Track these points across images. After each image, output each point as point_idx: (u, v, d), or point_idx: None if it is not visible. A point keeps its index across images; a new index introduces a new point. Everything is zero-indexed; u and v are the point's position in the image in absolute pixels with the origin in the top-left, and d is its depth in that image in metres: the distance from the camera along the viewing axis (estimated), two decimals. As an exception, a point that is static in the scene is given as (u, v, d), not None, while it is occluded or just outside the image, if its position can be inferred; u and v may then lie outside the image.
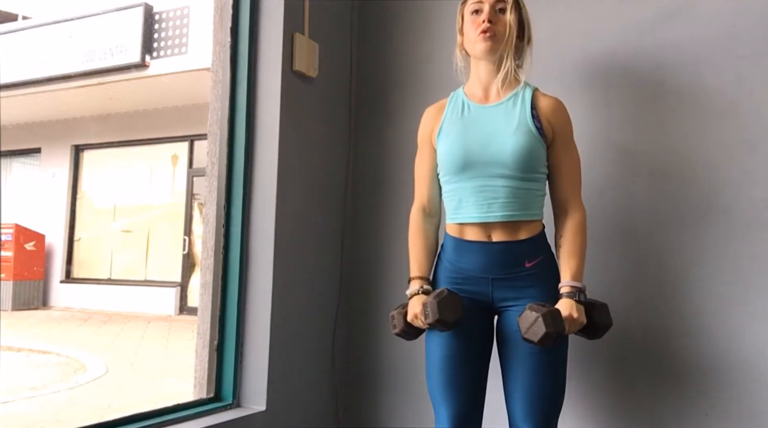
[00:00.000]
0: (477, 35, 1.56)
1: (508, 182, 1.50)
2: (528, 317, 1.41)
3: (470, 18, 1.59)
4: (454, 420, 1.50)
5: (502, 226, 1.51)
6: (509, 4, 1.55)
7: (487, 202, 1.51)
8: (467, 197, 1.53)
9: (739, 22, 1.68)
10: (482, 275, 1.53)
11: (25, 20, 8.84)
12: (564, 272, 1.51)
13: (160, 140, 9.23)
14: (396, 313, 1.61)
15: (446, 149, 1.56)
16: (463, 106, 1.60)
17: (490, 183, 1.51)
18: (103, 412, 3.83)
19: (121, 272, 9.44)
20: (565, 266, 1.51)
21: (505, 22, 1.55)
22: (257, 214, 1.92)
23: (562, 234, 1.54)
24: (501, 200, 1.50)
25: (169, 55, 7.41)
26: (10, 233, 8.94)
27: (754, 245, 1.63)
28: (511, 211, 1.50)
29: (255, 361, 1.88)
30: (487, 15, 1.55)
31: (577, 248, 1.51)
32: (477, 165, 1.51)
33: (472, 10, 1.58)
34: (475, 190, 1.52)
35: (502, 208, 1.50)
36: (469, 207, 1.53)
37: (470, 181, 1.52)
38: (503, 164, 1.49)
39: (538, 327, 1.38)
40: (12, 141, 9.70)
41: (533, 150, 1.50)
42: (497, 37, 1.54)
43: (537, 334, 1.38)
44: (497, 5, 1.56)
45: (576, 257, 1.50)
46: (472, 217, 1.52)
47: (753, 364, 1.61)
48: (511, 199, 1.50)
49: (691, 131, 1.72)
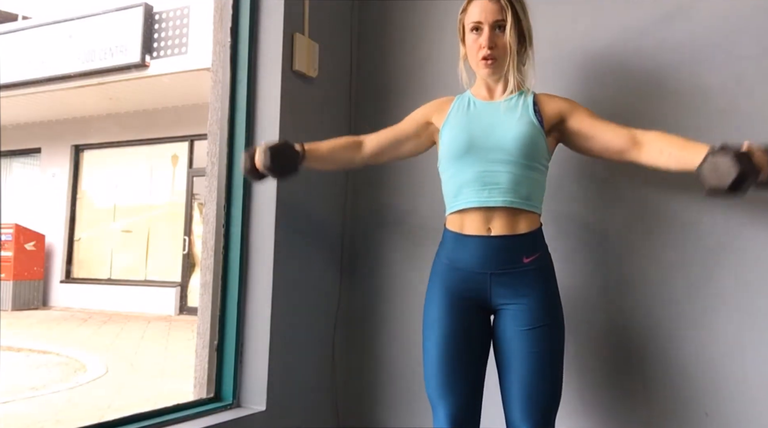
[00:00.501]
0: (479, 60, 1.57)
1: (510, 168, 1.51)
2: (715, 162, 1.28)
3: (470, 36, 1.59)
4: (452, 418, 1.50)
5: (502, 216, 1.51)
6: (508, 21, 1.54)
7: (488, 187, 1.52)
8: (468, 182, 1.54)
9: (739, 22, 1.68)
10: (480, 270, 1.53)
11: (25, 20, 8.85)
12: (694, 149, 1.38)
13: (160, 140, 9.23)
14: (247, 153, 1.70)
15: (450, 137, 1.58)
16: (469, 103, 1.64)
17: (491, 168, 1.52)
18: (103, 412, 3.83)
19: (121, 272, 9.44)
20: (689, 147, 1.40)
21: (504, 43, 1.55)
22: (257, 214, 1.92)
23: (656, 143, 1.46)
24: (502, 186, 1.51)
25: (169, 55, 7.41)
26: (10, 233, 8.95)
27: (755, 245, 1.63)
28: (511, 197, 1.51)
29: (255, 361, 1.88)
30: (486, 41, 1.54)
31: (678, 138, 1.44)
32: (479, 150, 1.53)
33: (471, 27, 1.58)
34: (476, 175, 1.53)
35: (503, 193, 1.51)
36: (469, 193, 1.54)
37: (472, 166, 1.53)
38: (505, 149, 1.51)
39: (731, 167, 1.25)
40: (12, 141, 9.71)
41: (535, 139, 1.53)
42: (498, 62, 1.56)
43: (729, 176, 1.25)
44: (496, 24, 1.55)
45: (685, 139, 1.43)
46: (473, 202, 1.53)
47: (753, 364, 1.61)
48: (512, 185, 1.51)
49: (691, 131, 1.71)
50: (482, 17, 1.55)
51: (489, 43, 1.54)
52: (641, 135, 1.50)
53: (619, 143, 1.53)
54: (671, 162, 1.45)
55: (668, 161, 1.46)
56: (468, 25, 1.59)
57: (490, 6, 1.55)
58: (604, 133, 1.54)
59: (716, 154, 1.30)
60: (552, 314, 1.52)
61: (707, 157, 1.31)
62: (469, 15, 1.59)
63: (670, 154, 1.44)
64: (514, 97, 1.59)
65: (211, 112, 2.01)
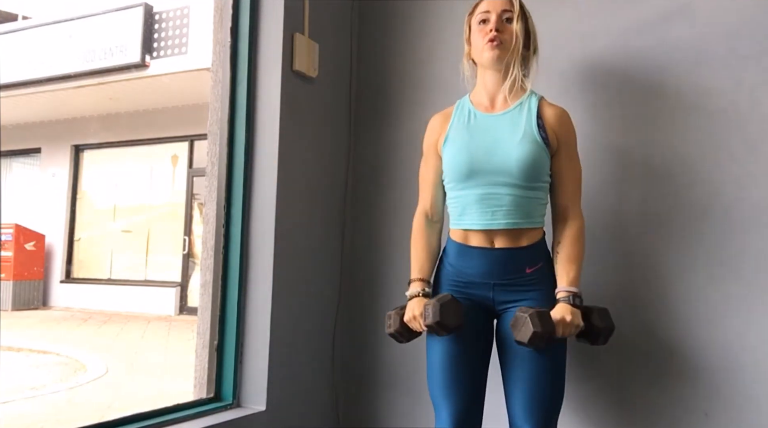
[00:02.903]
0: (485, 44, 1.57)
1: (513, 191, 1.51)
2: (517, 319, 1.43)
3: (477, 28, 1.60)
4: (455, 419, 1.50)
5: (505, 233, 1.53)
6: (516, 13, 1.57)
7: (491, 210, 1.52)
8: (471, 204, 1.54)
9: (739, 22, 1.68)
10: (484, 280, 1.54)
11: (25, 20, 8.84)
12: (561, 278, 1.51)
13: (160, 140, 9.23)
14: (393, 313, 1.62)
15: (451, 157, 1.57)
16: (469, 114, 1.61)
17: (494, 191, 1.52)
18: (103, 412, 3.83)
19: (121, 272, 9.44)
20: (562, 272, 1.51)
21: (512, 31, 1.57)
22: (257, 214, 1.92)
23: (560, 241, 1.55)
24: (505, 208, 1.51)
25: (169, 55, 7.41)
26: (10, 233, 8.94)
27: (755, 245, 1.63)
28: (514, 219, 1.52)
29: (255, 361, 1.88)
30: (494, 24, 1.57)
31: (575, 255, 1.52)
32: (482, 173, 1.53)
33: (479, 20, 1.60)
34: (479, 198, 1.53)
35: (506, 216, 1.52)
36: (473, 214, 1.54)
37: (475, 189, 1.54)
38: (508, 172, 1.51)
39: (527, 328, 1.40)
40: (12, 141, 9.70)
41: (538, 159, 1.52)
42: (504, 45, 1.56)
43: (525, 335, 1.40)
44: (504, 15, 1.58)
45: (573, 263, 1.51)
46: (476, 224, 1.54)
47: (753, 364, 1.61)
48: (515, 207, 1.51)
49: (692, 130, 1.72)
50: (491, 7, 1.59)
51: (496, 26, 1.56)
52: (564, 226, 1.56)
53: (557, 210, 1.59)
54: None
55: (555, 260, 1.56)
56: (476, 19, 1.61)
57: (499, 0, 1.59)
58: (558, 188, 1.58)
59: (522, 310, 1.43)
60: None
61: (516, 312, 1.45)
62: (477, 14, 1.61)
63: (557, 259, 1.55)
64: (517, 106, 1.57)
65: (211, 112, 2.01)
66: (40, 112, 9.32)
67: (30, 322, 7.95)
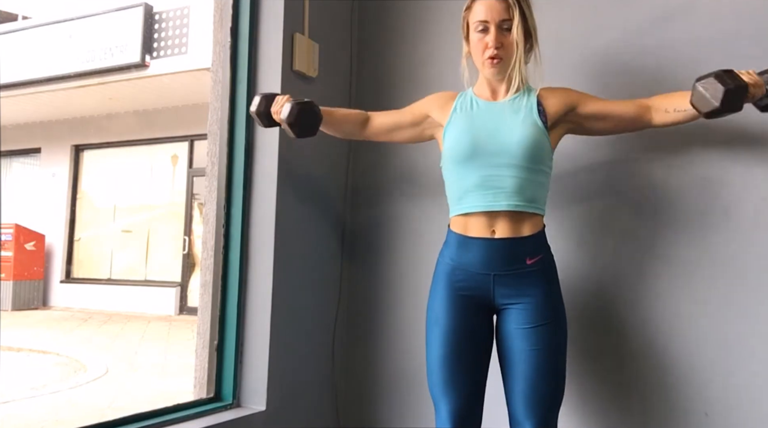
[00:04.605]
0: (485, 59, 1.56)
1: (514, 172, 1.51)
2: (697, 88, 1.38)
3: (476, 35, 1.57)
4: (455, 416, 1.50)
5: (506, 219, 1.52)
6: (515, 20, 1.52)
7: (492, 191, 1.52)
8: (472, 186, 1.54)
9: (739, 22, 1.68)
10: (484, 271, 1.53)
11: (25, 20, 8.84)
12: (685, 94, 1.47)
13: (160, 140, 9.23)
14: (263, 97, 1.70)
15: (454, 139, 1.58)
16: (472, 102, 1.63)
17: (496, 172, 1.52)
18: (103, 412, 3.83)
19: (121, 272, 9.44)
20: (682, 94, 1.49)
21: (511, 42, 1.54)
22: (257, 214, 1.92)
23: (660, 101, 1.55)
24: (506, 190, 1.51)
25: (169, 55, 7.41)
26: (10, 233, 8.94)
27: (755, 245, 1.63)
28: (516, 201, 1.51)
29: (255, 361, 1.88)
30: (494, 41, 1.53)
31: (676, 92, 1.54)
32: (484, 154, 1.52)
33: (477, 27, 1.56)
34: (480, 179, 1.53)
35: (508, 198, 1.51)
36: (473, 197, 1.53)
37: (476, 171, 1.53)
38: (510, 153, 1.51)
39: (715, 89, 1.34)
40: (12, 141, 9.70)
41: (539, 142, 1.52)
42: (504, 61, 1.56)
43: (716, 96, 1.34)
44: (503, 24, 1.53)
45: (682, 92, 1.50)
46: (477, 206, 1.53)
47: (753, 364, 1.61)
48: (517, 189, 1.51)
49: (691, 130, 1.72)
50: (489, 16, 1.53)
51: (496, 44, 1.53)
52: (647, 101, 1.58)
53: (632, 114, 1.58)
54: (679, 116, 1.53)
55: (676, 117, 1.53)
56: (473, 23, 1.57)
57: (497, 5, 1.53)
58: (616, 108, 1.60)
59: (700, 80, 1.38)
60: (554, 312, 1.52)
61: (695, 86, 1.40)
62: (474, 13, 1.57)
63: (675, 109, 1.52)
64: (518, 96, 1.58)
65: (211, 112, 2.01)
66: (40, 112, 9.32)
67: (30, 322, 7.95)
